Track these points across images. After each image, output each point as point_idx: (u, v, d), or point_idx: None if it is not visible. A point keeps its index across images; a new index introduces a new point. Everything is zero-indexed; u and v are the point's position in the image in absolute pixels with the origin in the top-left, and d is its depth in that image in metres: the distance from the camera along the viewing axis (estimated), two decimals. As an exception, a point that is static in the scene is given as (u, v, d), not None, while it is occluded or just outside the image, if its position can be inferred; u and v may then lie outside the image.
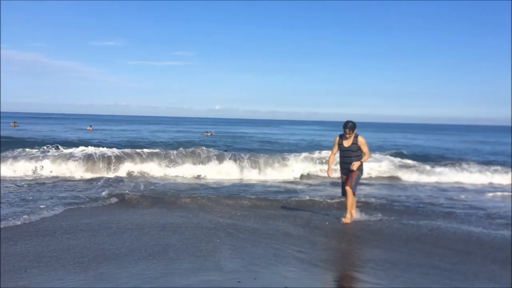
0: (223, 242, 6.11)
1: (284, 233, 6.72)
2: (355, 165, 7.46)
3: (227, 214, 8.11)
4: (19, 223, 6.97)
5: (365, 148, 7.62)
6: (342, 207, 8.31)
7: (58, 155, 13.87)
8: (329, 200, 9.65)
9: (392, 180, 14.31)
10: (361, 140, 7.62)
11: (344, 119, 7.68)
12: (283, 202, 9.59)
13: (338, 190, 8.69)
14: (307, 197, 10.08)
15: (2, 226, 6.68)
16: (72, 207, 8.37)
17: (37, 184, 11.03)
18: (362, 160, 7.58)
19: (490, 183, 14.07)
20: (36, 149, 14.55)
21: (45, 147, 14.71)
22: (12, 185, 10.65)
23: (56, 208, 8.18)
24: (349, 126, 7.56)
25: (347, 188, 7.61)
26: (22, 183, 11.02)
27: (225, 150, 17.96)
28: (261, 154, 15.75)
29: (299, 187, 12.09)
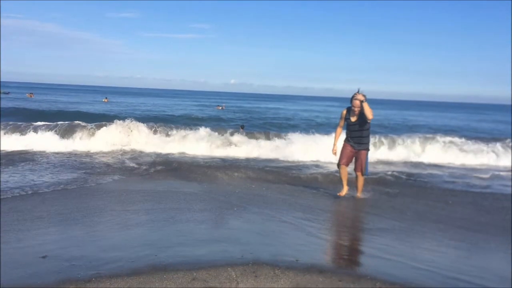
0: (237, 213, 6.18)
1: (299, 207, 6.75)
2: (363, 98, 7.09)
3: (241, 187, 8.18)
4: (93, 185, 7.94)
5: (367, 108, 7.12)
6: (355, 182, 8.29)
7: (79, 127, 13.82)
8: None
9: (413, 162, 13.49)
10: (365, 106, 7.14)
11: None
12: (300, 177, 9.62)
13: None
14: (324, 172, 10.09)
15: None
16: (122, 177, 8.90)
17: (72, 156, 11.28)
18: (365, 106, 7.10)
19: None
20: (53, 121, 14.44)
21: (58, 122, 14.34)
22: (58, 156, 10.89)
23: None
24: (356, 98, 7.16)
25: (358, 173, 7.52)
26: (56, 155, 11.27)
27: (242, 127, 17.68)
28: (284, 134, 15.27)
29: (319, 164, 12.00)
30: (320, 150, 13.39)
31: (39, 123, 14.19)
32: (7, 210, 5.86)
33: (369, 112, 7.15)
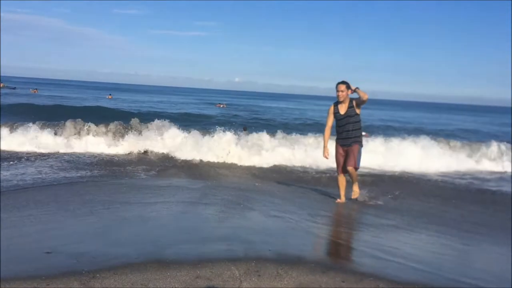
0: (241, 211, 6.21)
1: (302, 207, 6.76)
2: (357, 88, 6.79)
3: (246, 185, 8.22)
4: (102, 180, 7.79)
5: (361, 91, 6.83)
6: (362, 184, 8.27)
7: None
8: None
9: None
10: (359, 91, 6.84)
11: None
12: (304, 177, 9.66)
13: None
14: (328, 173, 10.09)
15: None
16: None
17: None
18: (359, 91, 6.80)
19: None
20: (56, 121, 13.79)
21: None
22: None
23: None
24: (341, 82, 6.98)
25: (350, 168, 7.06)
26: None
27: (245, 128, 16.73)
28: (288, 134, 14.29)
29: (323, 165, 11.80)
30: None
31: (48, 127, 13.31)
32: (14, 204, 5.90)
33: (363, 93, 6.83)
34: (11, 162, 9.23)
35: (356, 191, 7.39)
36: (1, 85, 48.10)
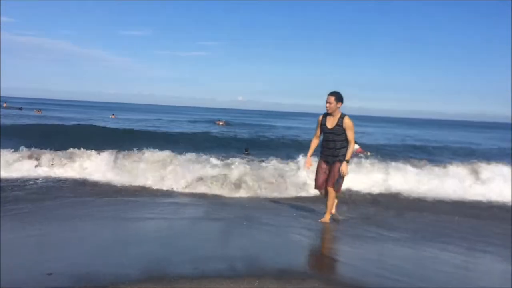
0: (245, 229, 6.20)
1: (307, 225, 6.73)
2: (343, 169, 6.44)
3: (251, 202, 8.21)
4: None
5: (350, 134, 6.46)
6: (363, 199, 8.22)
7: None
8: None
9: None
10: (347, 122, 6.44)
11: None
12: (307, 196, 9.60)
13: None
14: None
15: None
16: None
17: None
18: (348, 152, 6.47)
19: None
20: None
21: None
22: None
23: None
24: (330, 93, 6.49)
25: (329, 188, 6.63)
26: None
27: (246, 149, 16.09)
28: (292, 156, 12.82)
29: None
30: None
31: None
32: (15, 223, 5.90)
33: (351, 150, 6.54)
34: (11, 187, 9.01)
35: (326, 217, 6.81)
36: (5, 105, 48.27)
